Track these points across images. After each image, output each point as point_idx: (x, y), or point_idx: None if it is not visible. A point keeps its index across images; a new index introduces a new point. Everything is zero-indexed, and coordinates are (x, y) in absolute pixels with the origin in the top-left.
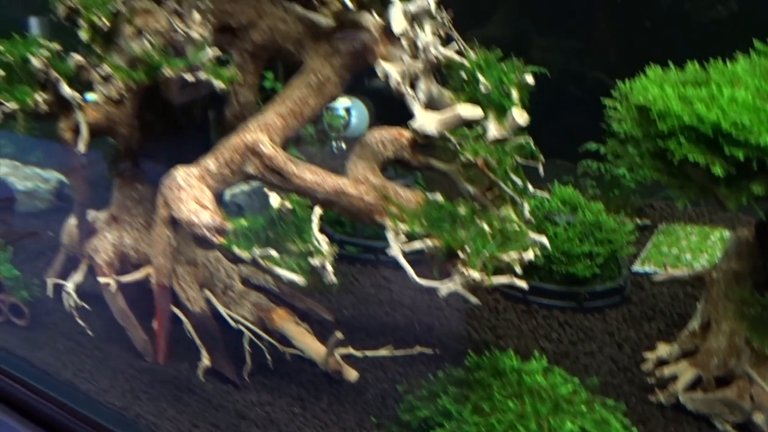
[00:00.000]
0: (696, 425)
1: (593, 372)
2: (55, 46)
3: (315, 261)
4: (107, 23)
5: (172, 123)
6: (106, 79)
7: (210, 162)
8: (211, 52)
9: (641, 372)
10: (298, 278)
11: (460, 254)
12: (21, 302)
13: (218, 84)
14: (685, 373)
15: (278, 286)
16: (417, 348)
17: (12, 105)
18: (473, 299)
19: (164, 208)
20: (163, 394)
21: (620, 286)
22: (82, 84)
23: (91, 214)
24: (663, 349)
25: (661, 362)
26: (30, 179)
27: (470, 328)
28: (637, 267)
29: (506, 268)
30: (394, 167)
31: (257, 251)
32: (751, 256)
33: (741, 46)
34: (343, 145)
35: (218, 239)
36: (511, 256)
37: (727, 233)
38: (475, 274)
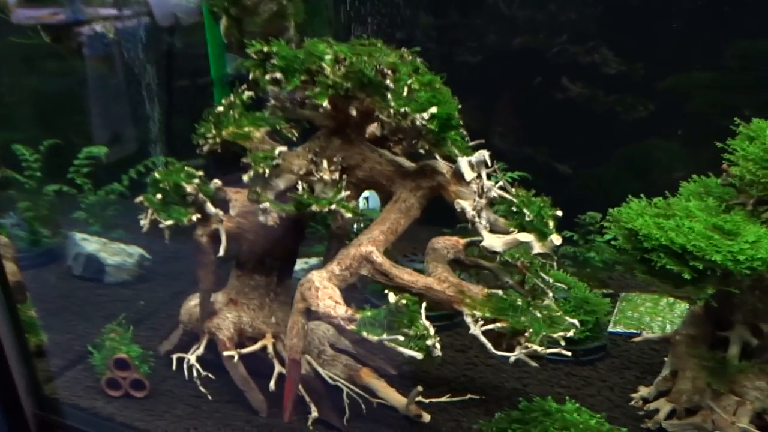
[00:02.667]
0: None
1: (599, 408)
2: (201, 173)
3: (428, 342)
4: (268, 171)
5: (288, 230)
6: (264, 210)
7: (335, 267)
8: (344, 193)
9: (631, 407)
10: (418, 355)
11: (526, 334)
12: (142, 376)
13: (347, 214)
14: (664, 407)
15: (355, 349)
16: (468, 395)
17: (167, 222)
18: (534, 364)
19: (301, 302)
20: None
21: (603, 344)
22: (220, 201)
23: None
24: (644, 390)
25: (644, 400)
26: (118, 254)
27: (503, 379)
28: (611, 328)
29: (553, 342)
30: None
31: (385, 335)
32: (703, 324)
33: (656, 134)
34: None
35: (350, 326)
36: (558, 334)
37: (670, 299)
38: (537, 348)
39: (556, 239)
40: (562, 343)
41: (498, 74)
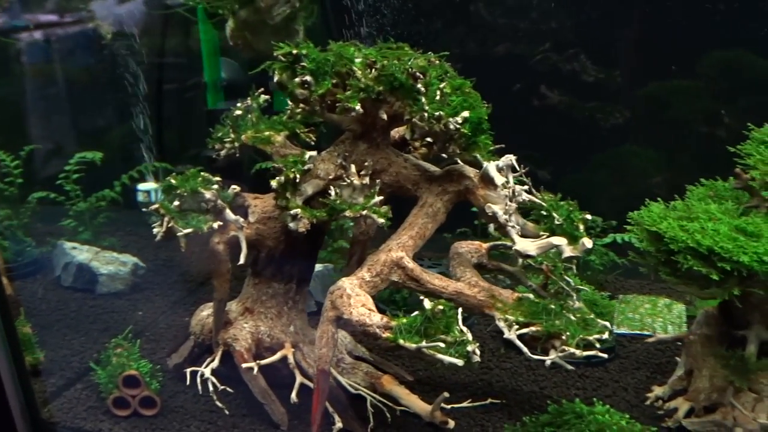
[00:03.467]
0: None
1: (617, 409)
2: (218, 179)
3: (468, 348)
4: (298, 177)
5: (308, 236)
6: (294, 216)
7: (365, 273)
8: (377, 198)
9: (648, 407)
10: (458, 362)
11: (563, 337)
12: (153, 393)
13: (379, 220)
14: (683, 405)
15: (372, 356)
16: (489, 399)
17: (186, 230)
18: (569, 367)
19: (332, 311)
20: None
21: (612, 346)
22: (238, 207)
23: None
24: (658, 390)
25: (659, 399)
26: (111, 263)
27: (520, 383)
28: (615, 330)
29: (588, 345)
30: None
31: (424, 342)
32: (717, 324)
33: (628, 139)
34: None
35: (386, 334)
36: (594, 337)
37: (667, 300)
38: (574, 351)
39: (587, 242)
40: (597, 345)
41: (480, 81)
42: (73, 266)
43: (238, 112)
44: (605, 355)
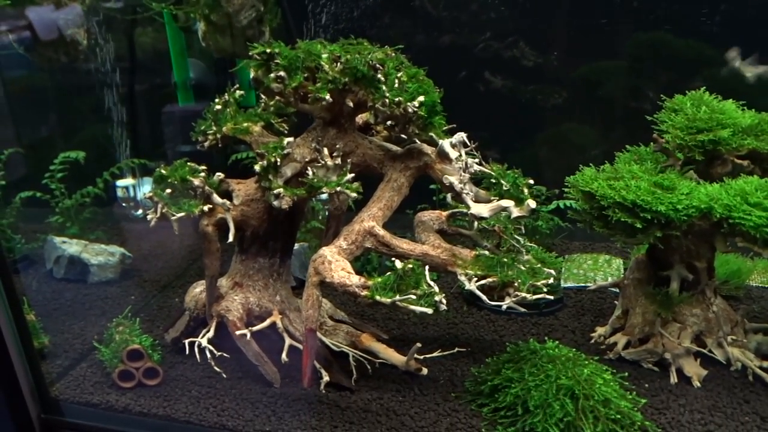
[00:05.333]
0: (633, 366)
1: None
2: (204, 167)
3: (436, 298)
4: (279, 160)
5: (288, 214)
6: (277, 195)
7: (342, 242)
8: (349, 176)
9: (593, 345)
10: (428, 310)
11: (515, 284)
12: (156, 364)
13: (352, 194)
14: (621, 340)
15: (350, 319)
16: (456, 348)
17: (179, 214)
18: (522, 310)
19: (315, 276)
20: (301, 410)
21: (560, 297)
22: (223, 192)
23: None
24: (600, 330)
25: (602, 337)
26: (101, 254)
27: (482, 333)
28: (563, 284)
29: (537, 290)
30: None
31: (397, 297)
32: (646, 268)
33: (567, 117)
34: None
35: (364, 292)
36: (542, 282)
37: (607, 257)
38: (526, 295)
39: (531, 203)
40: (545, 290)
41: (428, 70)
42: (64, 259)
43: (218, 107)
44: (552, 297)
